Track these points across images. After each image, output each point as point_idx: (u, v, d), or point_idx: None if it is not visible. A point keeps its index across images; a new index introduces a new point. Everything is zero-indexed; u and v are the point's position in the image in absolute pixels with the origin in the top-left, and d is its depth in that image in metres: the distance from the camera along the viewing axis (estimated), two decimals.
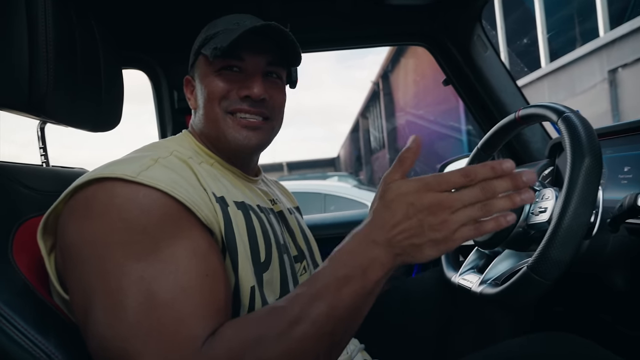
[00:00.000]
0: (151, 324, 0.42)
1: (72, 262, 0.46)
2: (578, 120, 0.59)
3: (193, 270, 0.45)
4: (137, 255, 0.44)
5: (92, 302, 0.44)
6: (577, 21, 6.06)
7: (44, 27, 0.56)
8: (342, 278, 0.42)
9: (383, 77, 12.74)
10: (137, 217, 0.45)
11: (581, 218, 0.53)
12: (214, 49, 0.58)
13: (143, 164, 0.49)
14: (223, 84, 0.60)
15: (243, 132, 0.60)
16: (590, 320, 0.92)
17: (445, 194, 0.41)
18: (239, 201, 0.58)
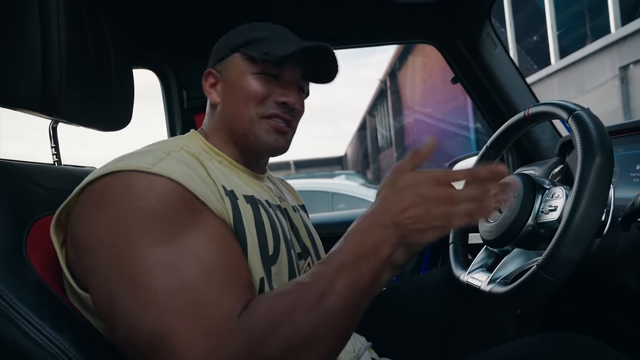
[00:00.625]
0: (183, 304, 0.42)
1: (89, 253, 0.46)
2: (589, 118, 0.59)
3: (214, 254, 0.46)
4: (159, 241, 0.44)
5: (118, 291, 0.43)
6: (588, 17, 5.97)
7: (56, 28, 0.57)
8: (359, 256, 0.46)
9: (390, 75, 12.69)
10: (155, 205, 0.46)
11: (592, 217, 0.53)
12: (264, 53, 0.60)
13: (156, 156, 0.51)
14: (262, 88, 0.62)
15: (274, 135, 0.63)
16: (601, 320, 0.91)
17: (451, 189, 0.48)
18: (249, 195, 0.59)
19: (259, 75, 0.62)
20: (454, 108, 8.29)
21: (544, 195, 0.66)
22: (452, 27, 1.14)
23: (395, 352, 0.77)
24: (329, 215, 1.42)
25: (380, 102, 15.12)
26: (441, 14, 1.12)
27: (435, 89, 9.03)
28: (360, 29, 1.19)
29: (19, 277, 0.47)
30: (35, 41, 0.56)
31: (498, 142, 0.82)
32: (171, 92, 1.18)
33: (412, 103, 10.96)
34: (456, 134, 8.28)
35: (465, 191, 0.48)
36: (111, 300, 0.44)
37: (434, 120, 9.33)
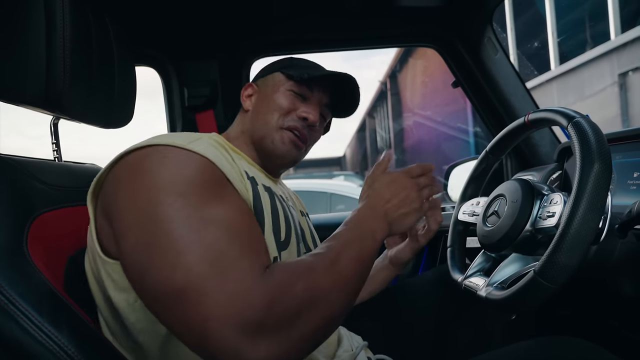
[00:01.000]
0: (214, 258, 0.45)
1: (125, 214, 0.48)
2: (588, 126, 0.59)
3: (240, 222, 0.51)
4: (194, 204, 0.48)
5: (153, 243, 0.46)
6: (588, 24, 5.99)
7: (61, 25, 0.57)
8: (360, 236, 0.57)
9: (391, 76, 12.70)
10: (191, 174, 0.50)
11: (589, 223, 0.53)
12: (301, 73, 0.71)
13: (189, 138, 0.55)
14: (289, 102, 0.72)
15: (288, 145, 0.71)
16: (597, 325, 0.92)
17: (415, 179, 0.67)
18: (267, 185, 0.65)
19: (290, 93, 0.72)
20: (453, 112, 8.31)
21: (542, 201, 0.66)
22: (454, 32, 1.15)
23: (391, 351, 0.77)
24: (327, 217, 1.42)
25: (380, 104, 15.14)
26: (443, 18, 1.12)
27: (436, 93, 9.05)
28: (363, 31, 1.19)
29: (19, 272, 0.48)
30: (39, 38, 0.56)
31: (497, 147, 0.82)
32: (172, 90, 1.18)
33: (412, 105, 10.97)
34: (455, 138, 8.29)
35: (422, 179, 0.68)
36: (144, 252, 0.46)
37: (433, 123, 9.35)
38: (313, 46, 1.20)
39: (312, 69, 0.74)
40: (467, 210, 0.84)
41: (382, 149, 15.06)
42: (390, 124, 13.04)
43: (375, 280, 0.89)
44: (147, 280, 0.46)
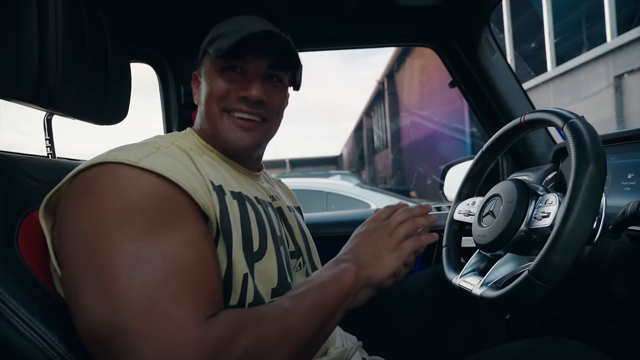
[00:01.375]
0: (144, 304, 0.42)
1: (67, 236, 0.47)
2: (583, 127, 0.59)
3: (187, 256, 0.47)
4: (134, 235, 0.45)
5: (85, 276, 0.44)
6: (585, 26, 6.03)
7: (54, 19, 0.57)
8: (324, 283, 0.55)
9: (388, 76, 12.72)
10: (137, 199, 0.47)
11: (584, 224, 0.54)
12: (216, 49, 0.61)
13: (145, 151, 0.51)
14: (224, 84, 0.63)
15: (237, 132, 0.63)
16: (590, 326, 0.92)
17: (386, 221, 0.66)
18: (236, 191, 0.60)
19: (222, 72, 0.63)
20: (450, 112, 8.33)
21: (537, 201, 0.66)
22: (451, 32, 1.15)
23: (386, 351, 0.77)
24: (323, 215, 1.42)
25: (378, 103, 15.15)
26: (441, 18, 1.12)
27: (433, 92, 9.07)
28: (361, 30, 1.19)
29: (10, 270, 0.47)
30: (32, 33, 0.56)
31: (494, 147, 0.82)
32: (168, 88, 1.17)
33: (409, 105, 11.00)
34: (452, 138, 8.32)
35: (394, 217, 0.66)
36: (76, 286, 0.45)
37: (430, 123, 9.38)
38: (311, 45, 1.20)
39: (232, 35, 0.61)
40: (463, 210, 0.84)
41: (379, 148, 15.08)
42: (388, 123, 13.06)
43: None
44: (76, 317, 0.45)
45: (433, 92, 9.01)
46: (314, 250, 0.76)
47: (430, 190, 8.47)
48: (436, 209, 1.27)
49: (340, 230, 1.22)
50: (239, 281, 0.54)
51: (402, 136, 11.81)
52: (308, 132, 71.08)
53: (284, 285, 0.60)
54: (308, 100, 57.62)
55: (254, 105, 0.62)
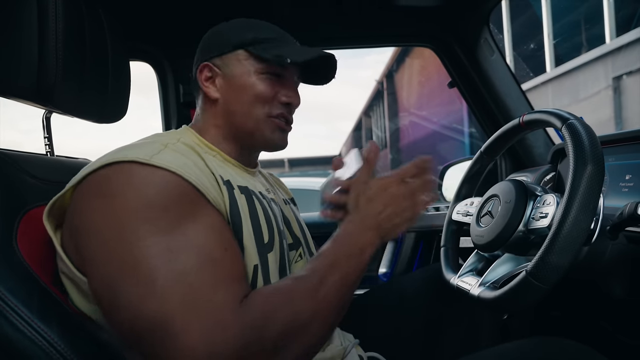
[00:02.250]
0: (185, 292, 0.43)
1: (89, 242, 0.47)
2: (582, 128, 0.59)
3: (213, 244, 0.48)
4: (161, 230, 0.46)
5: (119, 278, 0.44)
6: (584, 27, 6.04)
7: (54, 17, 0.56)
8: (348, 255, 0.53)
9: (387, 76, 12.72)
10: (155, 196, 0.47)
11: (581, 224, 0.54)
12: (277, 55, 0.62)
13: (154, 149, 0.51)
14: (269, 88, 0.64)
15: (279, 134, 0.66)
16: (588, 326, 0.92)
17: (410, 184, 0.58)
18: (243, 186, 0.61)
19: (266, 76, 0.64)
20: (449, 112, 8.34)
21: (536, 201, 0.67)
22: (450, 32, 1.15)
23: (382, 349, 0.78)
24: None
25: (377, 103, 15.16)
26: (440, 19, 1.13)
27: (432, 93, 9.07)
28: (360, 30, 1.19)
29: (9, 268, 0.47)
30: (32, 30, 0.55)
31: (492, 147, 0.82)
32: (167, 86, 1.17)
33: (408, 105, 11.00)
34: (451, 138, 8.33)
35: (416, 182, 0.59)
36: (112, 287, 0.45)
37: (429, 123, 9.38)
38: (310, 44, 1.20)
39: (281, 42, 0.65)
40: (461, 210, 0.84)
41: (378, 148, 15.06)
42: (387, 123, 13.06)
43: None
44: (114, 313, 0.45)
45: (432, 92, 9.02)
46: (311, 241, 0.77)
47: None
48: (435, 209, 1.27)
49: None
50: (250, 273, 0.55)
51: (401, 136, 11.82)
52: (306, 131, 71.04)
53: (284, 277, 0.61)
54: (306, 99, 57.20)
55: (292, 110, 0.67)
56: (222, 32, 0.66)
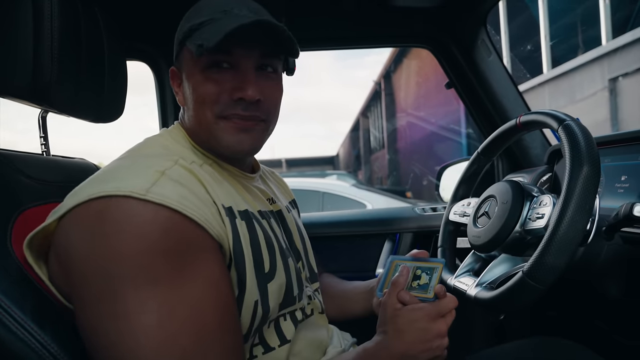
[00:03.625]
0: (173, 354, 0.42)
1: (81, 281, 0.44)
2: (578, 129, 0.60)
3: (210, 300, 0.46)
4: (158, 280, 0.43)
5: (107, 325, 0.43)
6: (580, 29, 6.07)
7: (49, 16, 0.56)
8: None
9: (385, 77, 12.74)
10: (154, 241, 0.44)
11: (577, 225, 0.54)
12: (198, 45, 0.51)
13: (150, 178, 0.47)
14: (213, 86, 0.55)
15: (236, 135, 0.57)
16: (583, 326, 0.93)
17: (442, 323, 0.56)
18: (242, 210, 0.56)
19: (208, 72, 0.55)
20: (446, 113, 8.36)
21: (532, 202, 0.67)
22: (448, 33, 1.15)
23: None
24: (319, 215, 1.42)
25: (374, 104, 15.18)
26: (438, 20, 1.13)
27: (429, 93, 9.10)
28: (358, 30, 1.19)
29: (3, 269, 0.46)
30: (27, 29, 0.55)
31: (489, 148, 0.83)
32: (164, 86, 1.16)
33: (406, 106, 11.02)
34: (448, 139, 8.35)
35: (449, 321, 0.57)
36: (97, 331, 0.43)
37: (426, 124, 9.40)
38: (307, 45, 1.20)
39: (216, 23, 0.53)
40: (458, 211, 0.84)
41: (376, 149, 15.10)
42: (384, 124, 13.07)
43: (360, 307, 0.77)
44: (95, 355, 0.44)
45: (429, 93, 9.04)
46: (310, 251, 0.76)
47: (426, 191, 8.49)
48: (432, 209, 1.27)
49: (336, 230, 1.22)
50: (250, 309, 0.53)
51: (399, 137, 11.84)
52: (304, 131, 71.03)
53: (288, 299, 0.60)
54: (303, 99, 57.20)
55: (251, 105, 0.56)
56: (178, 28, 0.59)
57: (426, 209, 1.28)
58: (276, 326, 0.59)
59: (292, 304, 0.61)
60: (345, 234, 1.22)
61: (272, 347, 0.58)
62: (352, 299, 0.78)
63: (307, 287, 0.69)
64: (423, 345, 0.54)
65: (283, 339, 0.59)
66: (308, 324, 0.64)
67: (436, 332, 0.55)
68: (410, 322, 0.55)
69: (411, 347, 0.54)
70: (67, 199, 0.47)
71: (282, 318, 0.60)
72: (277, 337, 0.59)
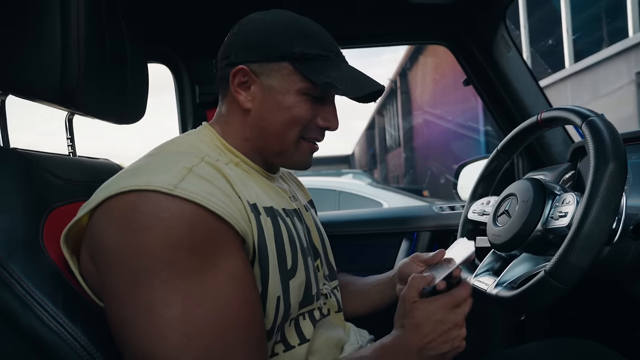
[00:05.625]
0: (198, 350, 0.43)
1: (110, 273, 0.46)
2: (603, 125, 0.58)
3: (234, 296, 0.47)
4: (184, 274, 0.44)
5: (132, 319, 0.44)
6: (605, 21, 5.87)
7: (76, 24, 0.58)
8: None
9: (401, 74, 12.62)
10: (185, 235, 0.45)
11: (602, 224, 0.53)
12: (327, 83, 0.56)
13: (178, 174, 0.48)
14: (308, 112, 0.60)
15: (308, 156, 0.64)
16: (607, 327, 0.90)
17: (460, 314, 0.56)
18: (267, 206, 0.58)
19: (307, 97, 0.59)
20: (464, 110, 8.23)
21: (554, 200, 0.65)
22: (466, 29, 1.13)
23: None
24: (335, 214, 1.42)
25: (390, 102, 15.06)
26: (455, 16, 1.11)
27: (446, 91, 8.96)
28: (374, 29, 1.19)
29: (36, 264, 0.49)
30: (55, 37, 0.57)
31: (509, 146, 0.81)
32: (184, 88, 1.19)
33: (422, 104, 10.89)
34: (466, 137, 8.21)
35: (465, 310, 0.57)
36: (124, 325, 0.45)
37: (443, 121, 9.27)
38: None
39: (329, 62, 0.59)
40: (477, 209, 0.83)
41: (392, 147, 14.99)
42: (400, 122, 12.96)
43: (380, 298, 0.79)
44: (123, 348, 0.45)
45: (446, 90, 8.91)
46: (329, 249, 0.76)
47: (443, 190, 8.38)
48: (450, 208, 1.26)
49: (353, 229, 1.22)
50: (273, 305, 0.54)
51: (415, 135, 11.71)
52: None
53: (308, 297, 0.61)
54: None
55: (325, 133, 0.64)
56: (268, 33, 0.59)
57: (444, 207, 1.26)
58: (296, 325, 0.60)
59: (311, 303, 0.62)
60: (362, 232, 1.22)
61: (293, 345, 0.59)
62: (372, 291, 0.79)
63: (326, 285, 0.69)
64: (441, 337, 0.55)
65: (302, 338, 0.60)
66: (325, 323, 0.65)
67: (453, 323, 0.55)
68: (428, 315, 0.55)
69: (429, 340, 0.55)
70: (98, 192, 0.49)
71: (301, 317, 0.61)
72: (297, 336, 0.60)
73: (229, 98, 0.62)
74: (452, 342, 0.55)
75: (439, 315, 0.55)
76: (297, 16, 0.63)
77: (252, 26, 0.61)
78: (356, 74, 0.61)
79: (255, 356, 0.46)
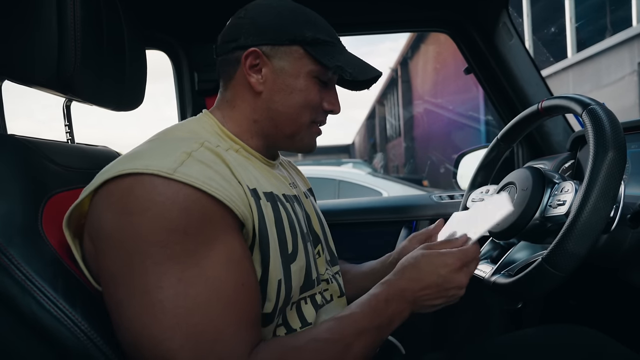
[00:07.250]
0: (190, 331, 0.43)
1: (105, 253, 0.47)
2: (603, 113, 0.58)
3: (230, 279, 0.47)
4: (177, 257, 0.45)
5: (127, 298, 0.45)
6: (609, 9, 5.79)
7: (72, 8, 0.57)
8: (377, 326, 0.53)
9: (402, 63, 12.50)
10: (178, 218, 0.45)
11: (600, 212, 0.53)
12: (338, 67, 0.58)
13: (177, 159, 0.48)
14: (319, 95, 0.62)
15: (314, 139, 0.66)
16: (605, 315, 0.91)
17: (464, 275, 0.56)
18: (268, 191, 0.58)
19: (316, 80, 0.61)
20: (465, 99, 8.18)
21: (553, 189, 0.66)
22: (468, 16, 1.12)
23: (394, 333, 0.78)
24: (335, 203, 1.43)
25: (391, 91, 14.96)
26: (457, 3, 1.10)
27: (447, 80, 8.89)
28: (375, 16, 1.17)
29: (35, 250, 0.49)
30: (51, 21, 0.57)
31: (509, 134, 0.81)
32: (182, 74, 1.18)
33: (423, 93, 10.82)
34: (466, 126, 8.18)
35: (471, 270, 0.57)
36: (118, 307, 0.45)
37: (444, 111, 9.22)
38: None
39: (336, 50, 0.61)
40: (476, 198, 0.83)
41: (392, 136, 14.95)
42: (401, 111, 12.89)
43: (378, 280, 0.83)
44: (118, 331, 0.46)
45: (447, 79, 8.84)
46: (329, 235, 0.77)
47: (443, 179, 8.38)
48: (449, 197, 1.26)
49: (352, 218, 1.23)
50: (274, 288, 0.54)
51: (415, 124, 11.66)
52: None
53: (308, 282, 0.61)
54: None
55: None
56: (278, 17, 0.59)
57: (443, 196, 1.26)
58: (298, 309, 0.61)
59: (312, 288, 0.62)
60: (361, 221, 1.22)
61: (294, 328, 0.59)
62: (370, 273, 0.80)
63: (327, 270, 0.70)
64: (440, 293, 0.55)
65: (304, 322, 0.61)
66: (328, 308, 0.66)
67: (457, 284, 0.55)
68: (433, 270, 0.55)
69: (427, 293, 0.55)
70: (99, 176, 0.49)
71: (303, 301, 0.62)
72: (299, 320, 0.60)
73: (236, 81, 0.61)
74: (448, 299, 0.56)
75: (444, 272, 0.54)
76: (297, 4, 0.63)
77: (260, 10, 0.61)
78: (358, 59, 0.63)
79: (248, 338, 0.47)
